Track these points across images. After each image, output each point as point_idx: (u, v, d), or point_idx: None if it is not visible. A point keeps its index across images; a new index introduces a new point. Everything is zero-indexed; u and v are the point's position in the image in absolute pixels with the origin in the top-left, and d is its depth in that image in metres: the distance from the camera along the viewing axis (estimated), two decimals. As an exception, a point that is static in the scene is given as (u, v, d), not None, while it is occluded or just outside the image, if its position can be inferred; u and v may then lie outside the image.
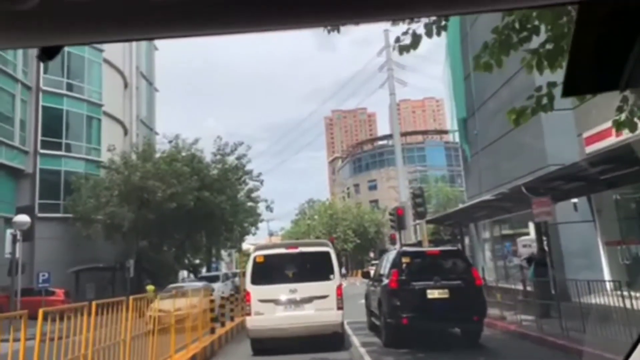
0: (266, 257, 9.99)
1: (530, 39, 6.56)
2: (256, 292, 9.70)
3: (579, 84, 0.82)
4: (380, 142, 76.99)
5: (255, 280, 9.82)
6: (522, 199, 13.92)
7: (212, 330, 11.21)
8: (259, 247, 10.84)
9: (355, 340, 10.83)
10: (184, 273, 43.81)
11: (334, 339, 9.66)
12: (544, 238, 14.68)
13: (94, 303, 5.21)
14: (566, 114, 14.54)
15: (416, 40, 7.04)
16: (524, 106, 6.85)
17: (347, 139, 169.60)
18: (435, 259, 10.18)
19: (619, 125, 6.68)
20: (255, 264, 9.93)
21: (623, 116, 6.63)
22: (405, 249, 11.03)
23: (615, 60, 0.77)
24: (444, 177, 62.62)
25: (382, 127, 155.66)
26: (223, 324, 12.74)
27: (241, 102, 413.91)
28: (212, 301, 11.48)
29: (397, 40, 7.13)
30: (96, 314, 5.40)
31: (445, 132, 77.78)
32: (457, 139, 63.23)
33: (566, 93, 0.83)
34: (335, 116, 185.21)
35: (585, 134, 14.03)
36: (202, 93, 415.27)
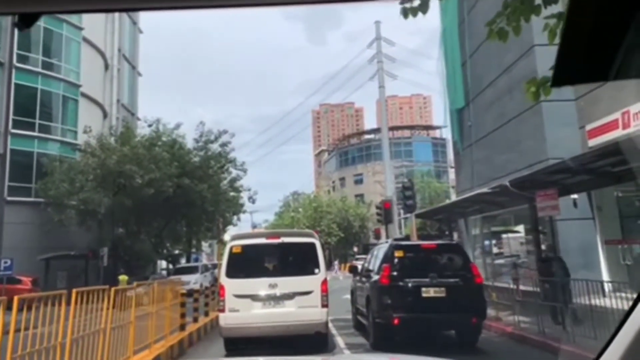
0: (244, 247, 8.95)
1: (557, 0, 5.61)
2: (231, 286, 8.68)
3: (570, 74, 0.80)
4: (367, 136, 76.19)
5: (231, 273, 8.79)
6: (520, 193, 13.12)
7: (182, 327, 10.18)
8: (237, 237, 9.78)
9: (339, 341, 9.90)
10: (162, 263, 42.63)
11: (316, 339, 8.70)
12: (545, 235, 13.92)
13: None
14: (568, 104, 13.79)
15: (425, 1, 6.09)
16: (546, 77, 5.90)
17: (333, 132, 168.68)
18: (431, 253, 9.25)
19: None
20: (231, 254, 8.89)
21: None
22: (398, 242, 10.10)
23: (607, 49, 0.75)
24: (430, 173, 62.17)
25: (369, 123, 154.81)
26: (196, 320, 11.72)
27: (230, 92, 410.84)
28: (182, 295, 10.44)
29: (402, 1, 6.18)
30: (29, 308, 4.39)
31: (433, 127, 77.32)
32: (445, 135, 62.54)
33: (556, 83, 0.80)
34: (322, 110, 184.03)
35: (589, 127, 13.24)
36: (190, 82, 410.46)
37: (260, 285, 8.69)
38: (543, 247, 14.28)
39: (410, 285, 8.60)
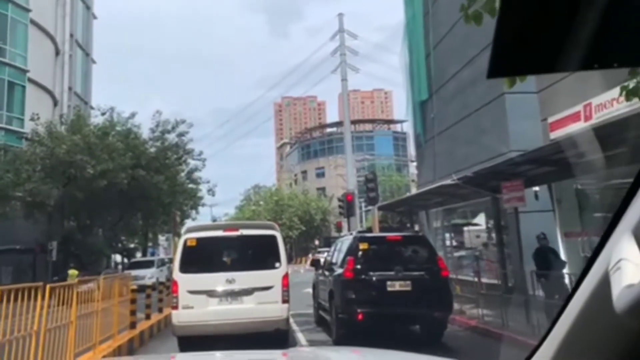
0: (199, 240, 8.37)
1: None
2: (185, 281, 8.10)
3: (508, 64, 0.77)
4: (330, 130, 76.02)
5: (185, 268, 8.20)
6: (483, 184, 13.05)
7: (133, 325, 9.52)
8: (192, 229, 9.18)
9: (301, 338, 9.50)
10: (117, 257, 41.14)
11: (276, 336, 8.25)
12: (505, 227, 13.92)
13: None
14: (530, 97, 13.79)
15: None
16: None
17: (295, 126, 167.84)
18: (396, 245, 8.94)
19: (628, 93, 5.61)
20: (185, 248, 8.29)
21: (633, 83, 5.56)
22: (363, 234, 9.75)
23: (551, 37, 0.72)
24: (390, 167, 62.56)
25: (331, 117, 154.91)
26: (148, 317, 11.05)
27: (190, 84, 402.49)
28: (133, 290, 9.77)
29: None
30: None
31: (394, 121, 77.84)
32: (406, 129, 62.86)
33: (491, 74, 0.76)
34: (284, 102, 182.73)
35: (551, 119, 13.28)
36: (148, 72, 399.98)
37: (217, 281, 8.17)
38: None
39: (375, 278, 8.26)
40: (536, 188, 13.29)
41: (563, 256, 12.88)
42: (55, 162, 24.30)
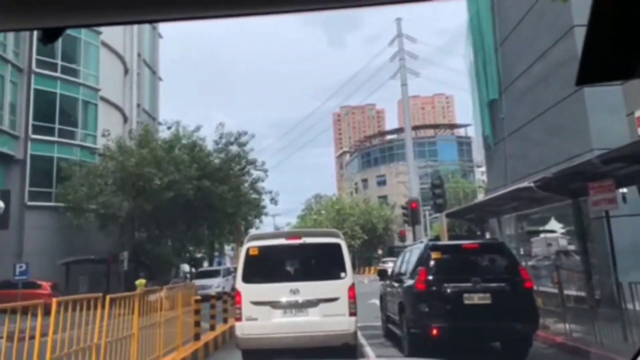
0: (262, 248, 8.08)
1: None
2: (248, 292, 7.82)
3: (598, 70, 0.76)
4: (390, 137, 74.86)
5: (248, 278, 7.93)
6: (562, 187, 12.00)
7: (197, 336, 9.35)
8: (254, 237, 8.92)
9: (369, 352, 8.95)
10: (185, 267, 42.23)
11: (344, 351, 7.76)
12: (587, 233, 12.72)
13: None
14: (613, 89, 12.59)
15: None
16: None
17: (355, 135, 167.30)
18: (473, 254, 8.22)
19: None
20: (248, 257, 8.02)
21: None
22: (434, 242, 9.10)
23: (635, 44, 0.72)
24: (455, 172, 60.54)
25: (391, 124, 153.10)
26: (213, 328, 10.90)
27: (249, 98, 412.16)
28: (197, 301, 9.62)
29: None
30: None
31: (458, 126, 75.58)
32: (470, 134, 60.52)
33: (580, 81, 0.76)
34: (343, 112, 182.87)
35: (638, 113, 12.03)
36: (210, 87, 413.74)
37: (281, 291, 7.82)
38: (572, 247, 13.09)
39: (450, 290, 7.60)
40: (624, 190, 12.08)
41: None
42: (125, 175, 25.25)
